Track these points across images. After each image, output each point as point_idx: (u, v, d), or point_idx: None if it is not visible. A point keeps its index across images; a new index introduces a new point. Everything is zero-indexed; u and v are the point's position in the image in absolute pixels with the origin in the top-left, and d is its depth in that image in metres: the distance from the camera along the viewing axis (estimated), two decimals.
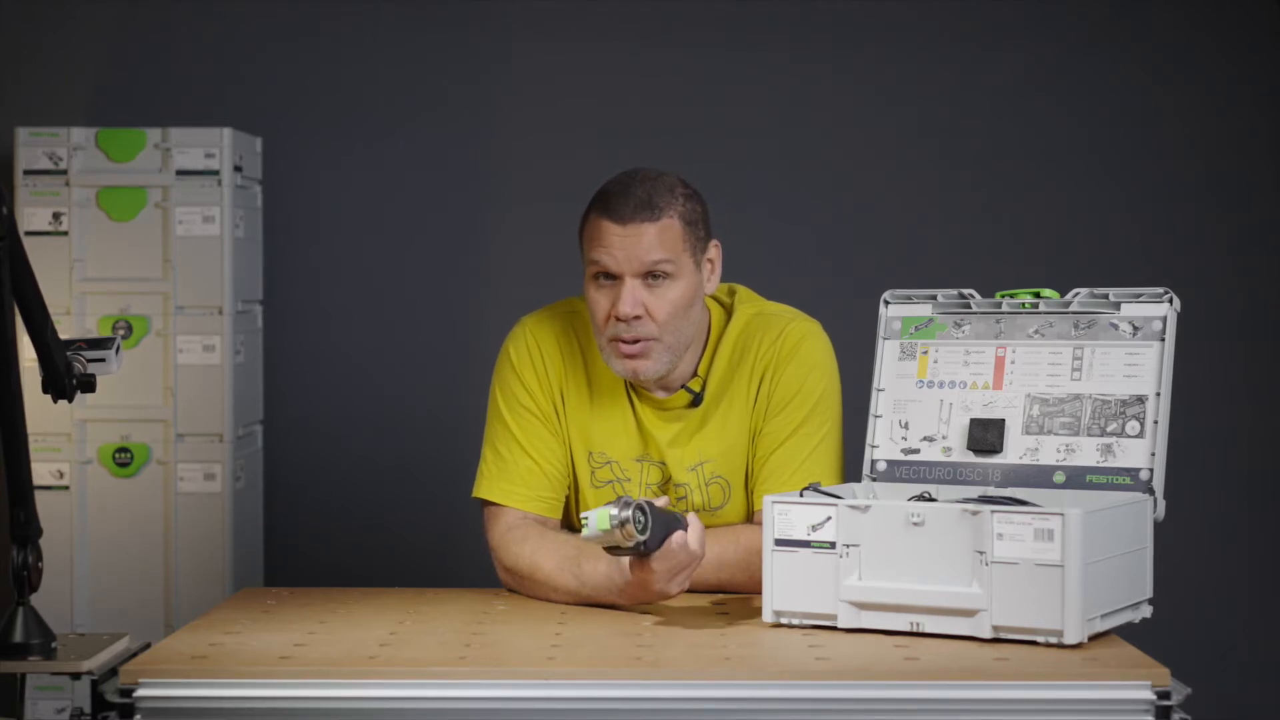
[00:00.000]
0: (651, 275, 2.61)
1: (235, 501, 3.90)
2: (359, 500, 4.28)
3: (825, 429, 2.70)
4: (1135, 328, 2.50)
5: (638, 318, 2.61)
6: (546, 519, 2.73)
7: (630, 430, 2.73)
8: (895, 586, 2.31)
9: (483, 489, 2.74)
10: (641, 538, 2.36)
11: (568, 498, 2.77)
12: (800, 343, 2.72)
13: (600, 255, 2.62)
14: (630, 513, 2.34)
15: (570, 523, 2.78)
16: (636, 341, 2.62)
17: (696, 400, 2.71)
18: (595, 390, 2.74)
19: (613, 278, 2.62)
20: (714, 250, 2.72)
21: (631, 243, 2.61)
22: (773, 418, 2.70)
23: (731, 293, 2.80)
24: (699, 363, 2.73)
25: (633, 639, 2.32)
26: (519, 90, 4.29)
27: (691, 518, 2.44)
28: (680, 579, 2.46)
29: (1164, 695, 2.10)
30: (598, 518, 2.35)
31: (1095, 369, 2.51)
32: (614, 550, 2.39)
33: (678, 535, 2.41)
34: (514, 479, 2.72)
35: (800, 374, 2.71)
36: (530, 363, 2.75)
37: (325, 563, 4.22)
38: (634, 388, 2.73)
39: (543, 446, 2.73)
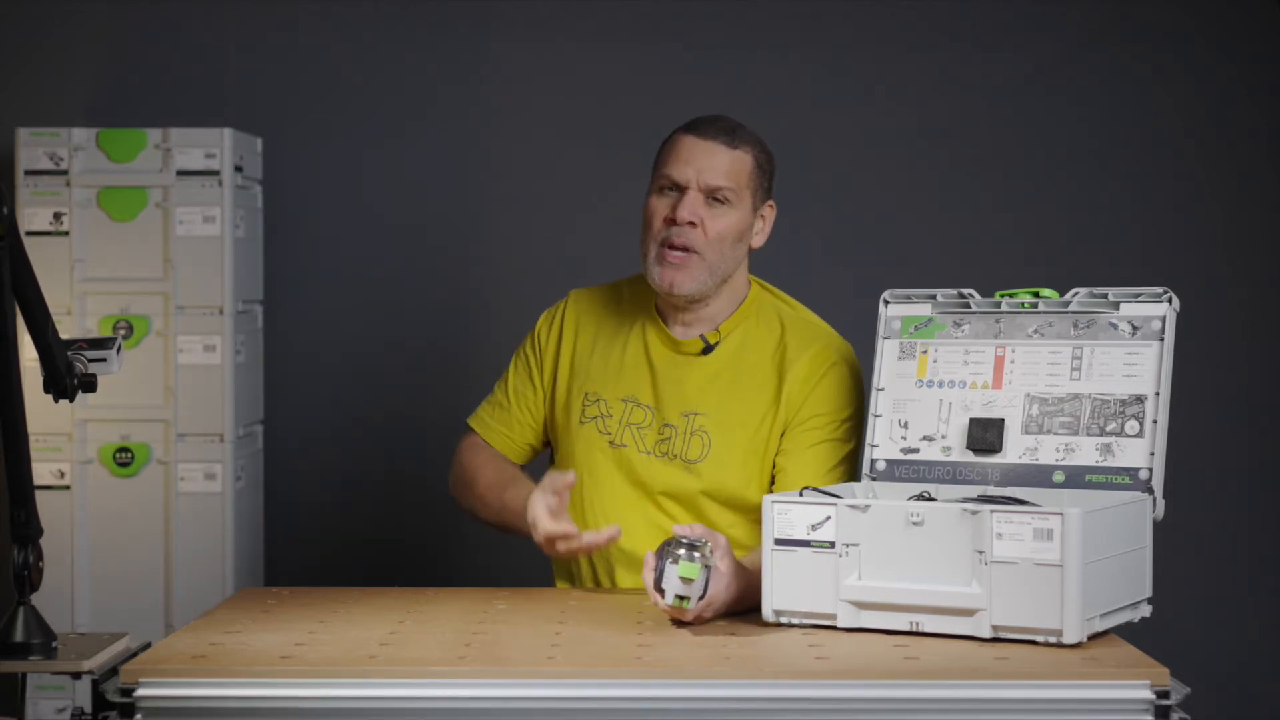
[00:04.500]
0: (713, 197, 2.76)
1: (235, 501, 3.90)
2: (359, 500, 4.27)
3: (856, 443, 2.77)
4: (1134, 327, 2.50)
5: (692, 225, 2.75)
6: (503, 457, 2.94)
7: (635, 365, 2.84)
8: (895, 586, 2.31)
9: (471, 417, 2.99)
10: (696, 594, 2.38)
11: (551, 447, 2.95)
12: (836, 363, 2.80)
13: (672, 165, 2.78)
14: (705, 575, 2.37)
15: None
16: (684, 250, 2.75)
17: (708, 349, 2.81)
18: (611, 334, 2.89)
19: (677, 189, 2.77)
20: (769, 210, 2.86)
21: (705, 157, 2.77)
22: (807, 419, 2.76)
23: (771, 289, 2.92)
24: (725, 321, 2.82)
25: (633, 639, 2.33)
26: (519, 90, 4.29)
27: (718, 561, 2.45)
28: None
29: (1163, 695, 2.11)
30: (684, 568, 2.35)
31: (1094, 369, 2.51)
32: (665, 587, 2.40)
33: (715, 589, 2.41)
34: (492, 415, 2.96)
35: (835, 387, 2.78)
36: (549, 321, 2.95)
37: (325, 563, 4.22)
38: (652, 327, 2.84)
39: (520, 393, 2.93)
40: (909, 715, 2.12)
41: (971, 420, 2.56)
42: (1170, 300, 2.49)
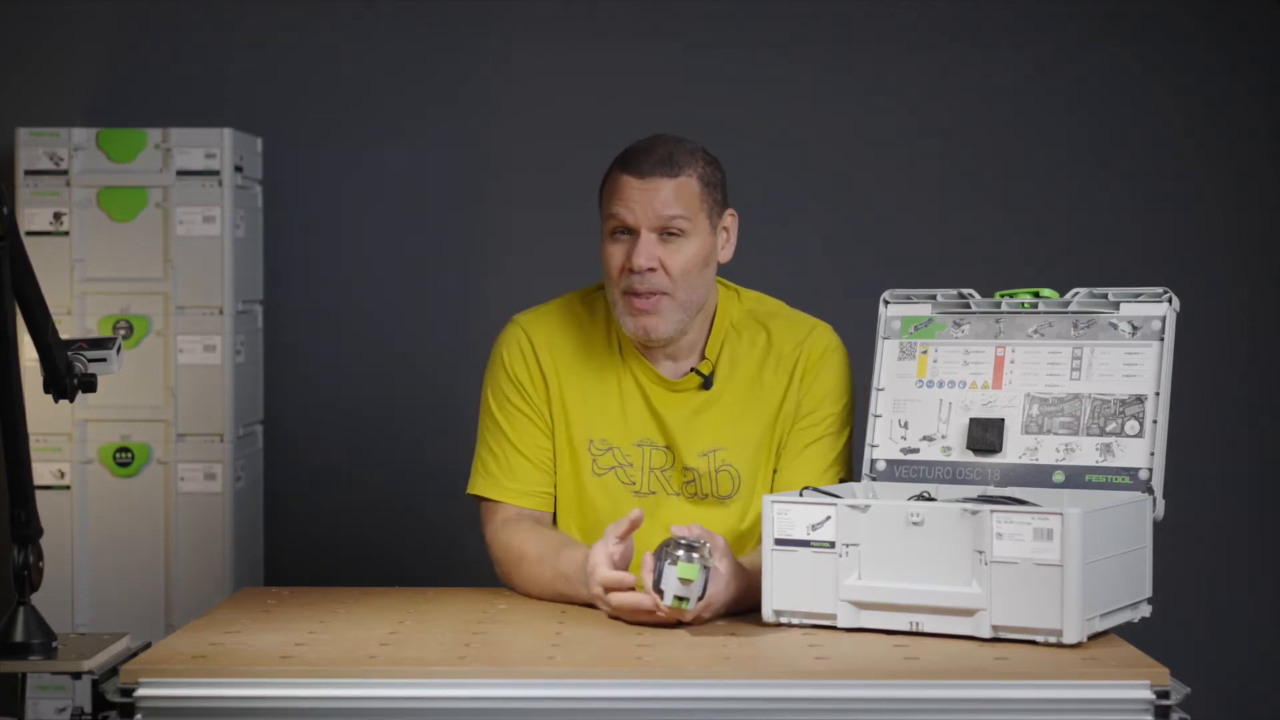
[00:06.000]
0: (667, 232, 2.65)
1: (235, 501, 3.90)
2: (359, 500, 4.27)
3: (850, 431, 2.75)
4: (1134, 327, 2.50)
5: (651, 270, 2.64)
6: (541, 513, 2.77)
7: (639, 412, 2.74)
8: (895, 586, 2.31)
9: (478, 486, 2.78)
10: (695, 595, 2.37)
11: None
12: (830, 350, 2.75)
13: (618, 208, 2.66)
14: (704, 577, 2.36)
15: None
16: (650, 296, 2.65)
17: (707, 383, 2.73)
18: (599, 378, 2.76)
19: (629, 232, 2.67)
20: (730, 219, 2.76)
21: (649, 196, 2.65)
22: (805, 416, 2.72)
23: (735, 287, 2.82)
24: (706, 343, 2.75)
25: (633, 639, 2.33)
26: (519, 90, 4.29)
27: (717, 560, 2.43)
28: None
29: (1163, 695, 2.11)
30: (683, 569, 2.34)
31: (1094, 369, 2.51)
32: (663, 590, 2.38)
33: (714, 590, 2.40)
34: (508, 475, 2.76)
35: (833, 377, 2.74)
36: (522, 359, 2.77)
37: (325, 563, 4.22)
38: (639, 369, 2.74)
39: (532, 443, 2.76)
40: (909, 715, 2.12)
41: (971, 420, 2.56)
42: (1170, 300, 2.49)
